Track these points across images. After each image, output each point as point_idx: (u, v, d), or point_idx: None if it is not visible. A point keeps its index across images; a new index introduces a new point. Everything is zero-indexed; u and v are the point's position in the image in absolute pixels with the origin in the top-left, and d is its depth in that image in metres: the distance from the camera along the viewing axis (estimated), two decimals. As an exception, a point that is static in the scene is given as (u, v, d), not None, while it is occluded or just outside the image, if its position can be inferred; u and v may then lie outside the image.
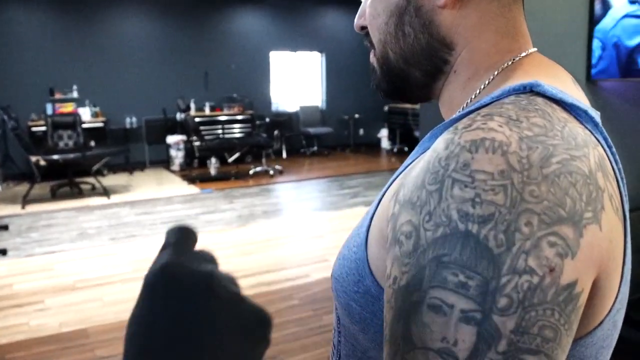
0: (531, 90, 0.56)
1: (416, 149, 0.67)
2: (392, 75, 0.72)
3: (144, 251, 5.61)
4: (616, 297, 0.56)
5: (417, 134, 10.79)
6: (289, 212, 7.43)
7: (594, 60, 3.00)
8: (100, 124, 9.65)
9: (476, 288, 0.45)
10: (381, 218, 0.61)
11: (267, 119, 11.16)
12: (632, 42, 2.88)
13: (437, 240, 0.47)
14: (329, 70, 12.30)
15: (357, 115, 12.46)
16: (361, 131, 12.78)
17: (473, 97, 0.65)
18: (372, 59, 0.74)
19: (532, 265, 0.45)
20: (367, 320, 0.63)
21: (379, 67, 0.73)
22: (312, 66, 12.34)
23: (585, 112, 0.57)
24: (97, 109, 9.72)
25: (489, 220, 0.45)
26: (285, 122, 11.37)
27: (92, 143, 8.88)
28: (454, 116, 0.59)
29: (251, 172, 9.64)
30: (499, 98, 0.56)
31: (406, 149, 12.03)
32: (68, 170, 8.06)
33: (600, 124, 0.58)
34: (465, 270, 0.45)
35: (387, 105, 12.52)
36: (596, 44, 2.99)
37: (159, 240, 5.82)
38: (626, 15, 2.89)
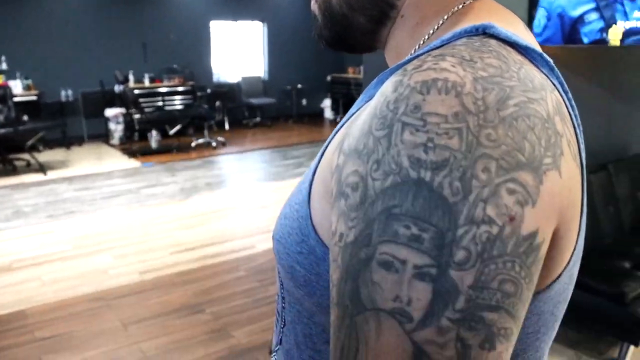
0: (484, 32, 0.52)
1: (361, 97, 0.62)
2: (334, 22, 0.68)
3: (84, 228, 5.46)
4: (574, 249, 0.54)
5: (360, 103, 10.76)
6: (232, 183, 7.35)
7: (540, 30, 3.02)
8: (34, 98, 9.26)
9: (430, 241, 0.41)
10: (325, 171, 0.57)
11: (209, 90, 10.97)
12: (575, 13, 2.91)
13: (386, 190, 0.43)
14: (271, 40, 12.13)
15: (299, 86, 12.36)
16: (304, 101, 12.70)
17: (421, 43, 0.61)
18: (314, 5, 0.70)
19: (490, 215, 0.41)
20: (312, 283, 0.59)
21: (321, 14, 0.69)
22: (254, 36, 12.15)
23: (541, 55, 0.54)
24: (29, 82, 9.34)
25: (443, 167, 0.42)
26: (227, 93, 11.20)
27: (25, 117, 8.55)
28: (401, 61, 0.55)
29: (193, 144, 9.48)
30: (449, 41, 0.52)
31: (349, 118, 12.00)
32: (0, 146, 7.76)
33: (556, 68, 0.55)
34: (418, 222, 0.41)
35: (329, 75, 12.48)
36: (542, 13, 3.01)
37: (100, 216, 5.70)
38: (570, -14, 2.91)
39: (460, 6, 0.59)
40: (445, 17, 0.59)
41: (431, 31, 0.60)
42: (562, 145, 0.47)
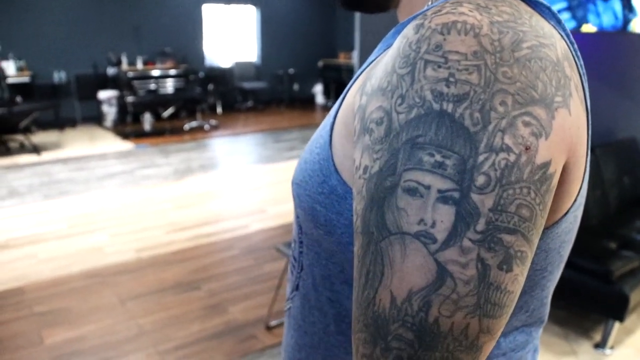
0: None
1: (379, 45, 0.65)
2: None
3: (79, 207, 5.50)
4: (579, 189, 0.57)
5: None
6: (225, 165, 7.38)
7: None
8: (27, 79, 9.25)
9: (453, 167, 0.44)
10: (346, 113, 0.60)
11: (201, 74, 10.96)
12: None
13: (410, 121, 0.46)
14: (263, 24, 12.12)
15: (291, 71, 12.38)
16: (296, 86, 12.71)
17: None
18: None
19: (508, 143, 0.45)
20: (333, 221, 0.62)
21: None
22: (247, 20, 12.13)
23: (549, 8, 0.57)
24: (22, 63, 9.32)
25: (464, 99, 0.45)
26: (220, 77, 11.19)
27: (19, 99, 8.54)
28: (417, 12, 0.58)
29: (186, 127, 9.51)
30: None
31: (341, 103, 12.05)
32: (-6, 127, 7.76)
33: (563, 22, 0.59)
34: (442, 150, 0.45)
35: (321, 61, 12.50)
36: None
37: (95, 196, 5.73)
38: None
39: None
40: None
41: None
42: (570, 87, 0.50)
